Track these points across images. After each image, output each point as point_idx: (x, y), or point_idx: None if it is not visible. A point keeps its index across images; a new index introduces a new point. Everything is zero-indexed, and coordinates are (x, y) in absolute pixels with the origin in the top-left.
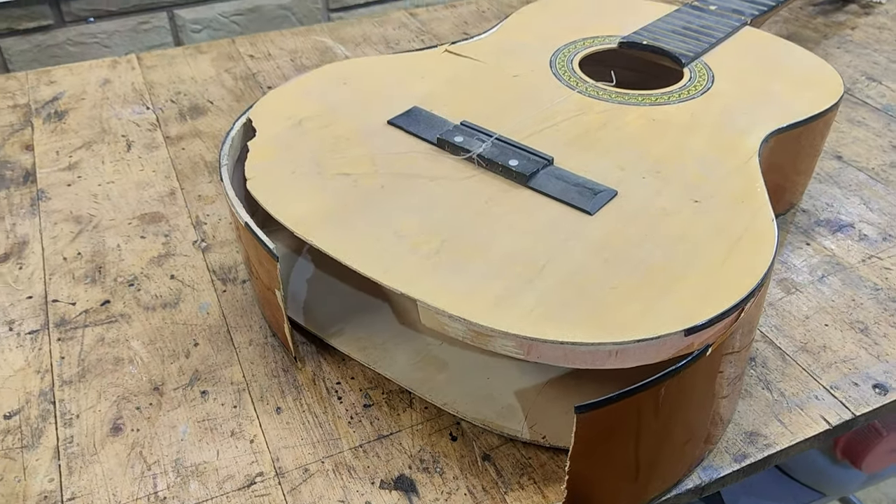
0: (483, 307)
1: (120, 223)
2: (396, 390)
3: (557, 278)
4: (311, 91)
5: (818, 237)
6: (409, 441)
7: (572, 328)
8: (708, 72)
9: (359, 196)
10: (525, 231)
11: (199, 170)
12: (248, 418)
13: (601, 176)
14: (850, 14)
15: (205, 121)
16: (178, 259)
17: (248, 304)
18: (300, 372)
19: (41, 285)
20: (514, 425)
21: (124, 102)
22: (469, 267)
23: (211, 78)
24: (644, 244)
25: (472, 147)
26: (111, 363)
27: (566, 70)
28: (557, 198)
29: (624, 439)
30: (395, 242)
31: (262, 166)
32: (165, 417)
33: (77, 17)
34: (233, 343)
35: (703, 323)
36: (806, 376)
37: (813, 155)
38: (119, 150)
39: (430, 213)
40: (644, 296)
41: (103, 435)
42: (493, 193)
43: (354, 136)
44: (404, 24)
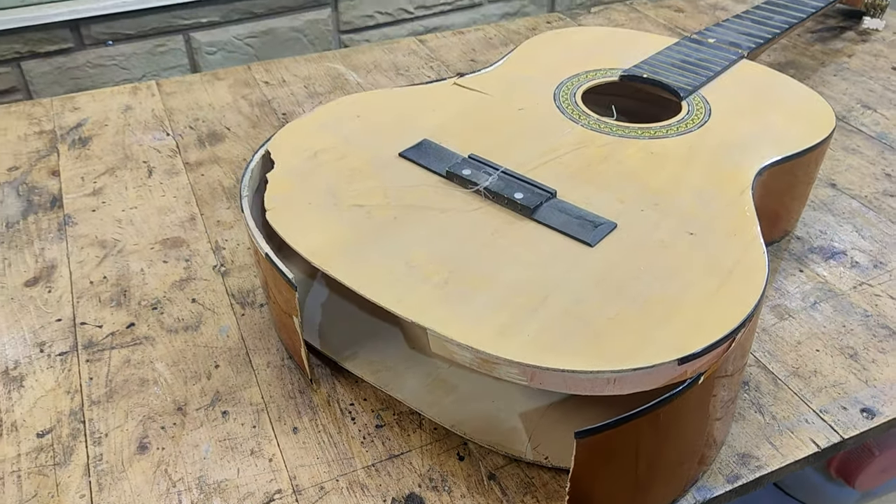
0: (489, 336)
1: (143, 248)
2: (407, 412)
3: (559, 308)
4: (326, 124)
5: (811, 264)
6: (419, 460)
7: (572, 357)
8: (705, 105)
9: (372, 227)
10: (529, 262)
11: (218, 195)
12: (267, 438)
13: (602, 208)
14: (847, 41)
15: (223, 147)
16: (198, 283)
17: (266, 327)
18: (315, 393)
19: (69, 308)
20: (519, 446)
21: (145, 129)
22: (476, 297)
23: (228, 104)
24: (641, 276)
25: (480, 180)
26: (137, 384)
27: (569, 103)
28: (560, 230)
29: (621, 462)
30: (407, 273)
31: (280, 198)
32: (189, 436)
33: (96, 40)
34: (251, 365)
35: (696, 352)
36: (797, 400)
37: (807, 183)
38: (141, 176)
39: (439, 245)
40: (641, 326)
41: (130, 453)
42: (499, 225)
43: (368, 169)
44: (414, 51)
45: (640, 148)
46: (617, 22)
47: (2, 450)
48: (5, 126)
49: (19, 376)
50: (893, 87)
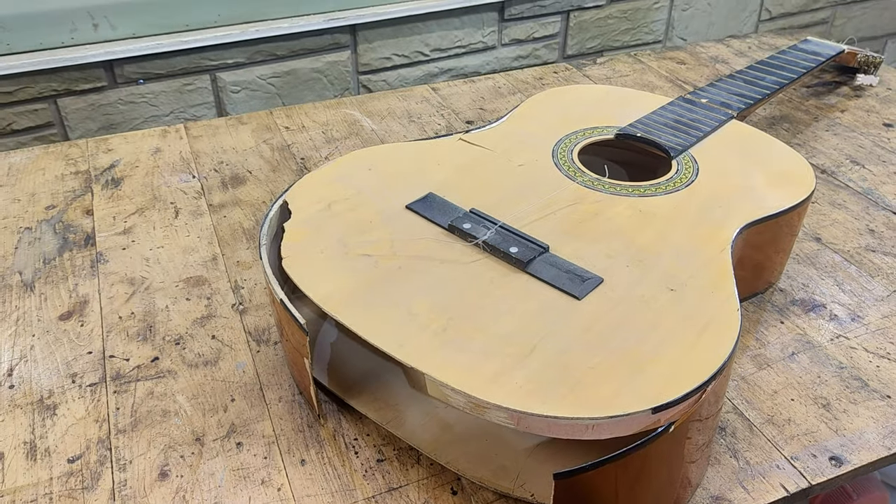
0: (481, 382)
1: (168, 286)
2: (406, 447)
3: (546, 358)
4: (341, 175)
5: (792, 316)
6: (416, 494)
7: (555, 404)
8: (694, 164)
9: (379, 276)
10: (521, 313)
11: (238, 237)
12: (277, 468)
13: (590, 263)
14: (841, 97)
15: (244, 190)
16: (218, 321)
17: (279, 364)
18: (323, 428)
19: (100, 342)
20: (507, 483)
21: (173, 170)
22: (471, 345)
23: (251, 148)
24: (623, 328)
25: (479, 234)
26: (159, 415)
27: (566, 160)
28: (550, 283)
29: (598, 502)
30: (409, 320)
31: (295, 246)
32: (206, 465)
33: (128, 79)
34: (265, 399)
35: (668, 402)
36: (770, 447)
37: (790, 236)
38: (168, 217)
39: (439, 294)
40: (619, 376)
41: (152, 480)
42: (495, 277)
43: (377, 220)
44: (426, 98)
45: (629, 205)
46: (621, 72)
47: (36, 473)
48: (44, 166)
49: (53, 405)
50: (883, 143)
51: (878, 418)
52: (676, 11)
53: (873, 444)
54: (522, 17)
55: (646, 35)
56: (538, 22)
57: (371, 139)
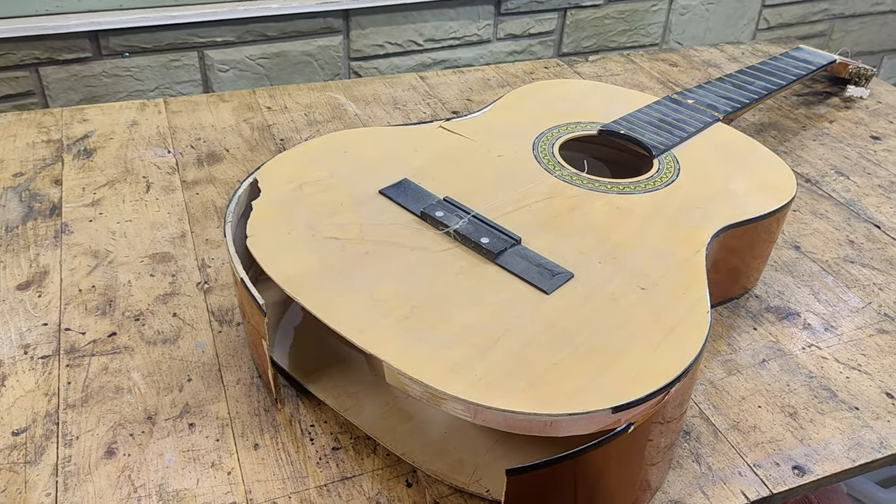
0: (439, 372)
1: (133, 260)
2: (363, 437)
3: (508, 351)
4: (314, 157)
5: (766, 322)
6: (370, 484)
7: (514, 398)
8: (675, 164)
9: (345, 260)
10: (487, 304)
11: (210, 215)
12: (229, 452)
13: (562, 258)
14: (830, 107)
15: (220, 168)
16: (181, 298)
17: (240, 346)
18: (279, 412)
19: (56, 314)
20: (463, 478)
21: (148, 145)
22: (432, 334)
23: (230, 127)
24: (589, 325)
25: (451, 222)
26: (112, 391)
27: (546, 154)
28: (520, 276)
29: (551, 500)
30: (372, 306)
31: (262, 225)
32: (155, 445)
33: (114, 51)
34: (222, 381)
35: (629, 402)
36: (734, 453)
37: (768, 242)
38: (139, 191)
39: (405, 281)
40: (581, 373)
41: (98, 457)
42: (464, 267)
43: (348, 203)
44: (413, 86)
45: (607, 202)
46: (612, 71)
47: None
48: (15, 132)
49: (2, 376)
50: (869, 156)
51: (845, 430)
52: (674, 15)
53: (838, 455)
54: (519, 12)
55: (642, 37)
56: (534, 18)
57: (354, 124)
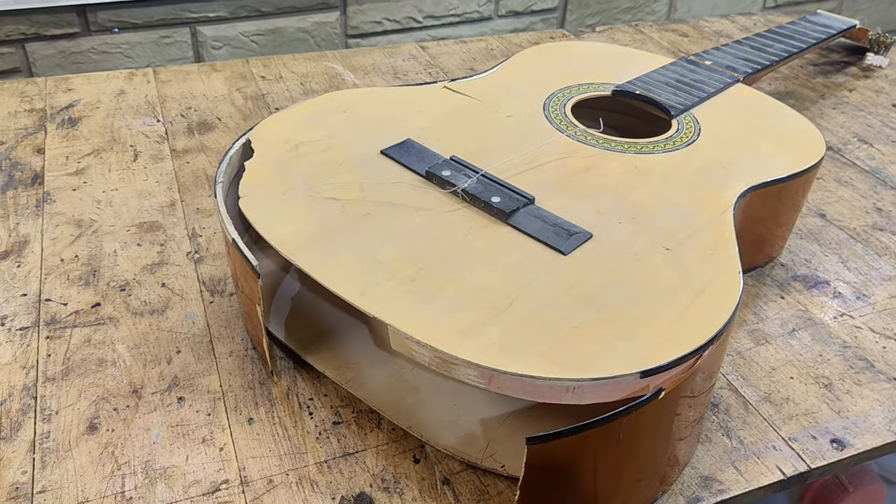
0: (449, 336)
1: (119, 230)
2: (366, 410)
3: (524, 313)
4: (311, 117)
5: (793, 291)
6: (373, 460)
7: (532, 362)
8: (695, 125)
9: (345, 221)
10: (499, 266)
11: (201, 183)
12: (221, 427)
13: (579, 218)
14: (849, 76)
15: (211, 137)
16: (170, 268)
17: (233, 317)
18: (275, 385)
19: (36, 284)
20: (475, 453)
21: (136, 114)
22: (441, 297)
23: (222, 96)
24: (611, 287)
25: (458, 181)
26: (95, 364)
27: (558, 114)
28: (534, 236)
29: (575, 473)
30: (375, 268)
31: (255, 186)
32: (141, 420)
33: (102, 27)
34: (214, 353)
35: (658, 367)
36: (766, 426)
37: (793, 210)
38: (126, 160)
39: (410, 242)
40: (605, 336)
41: (79, 433)
42: (474, 228)
43: (347, 163)
44: (414, 56)
45: (624, 162)
46: (620, 42)
47: None
48: None
49: None
50: (892, 124)
51: (885, 401)
52: None
53: (879, 428)
54: None
55: (647, 15)
56: None
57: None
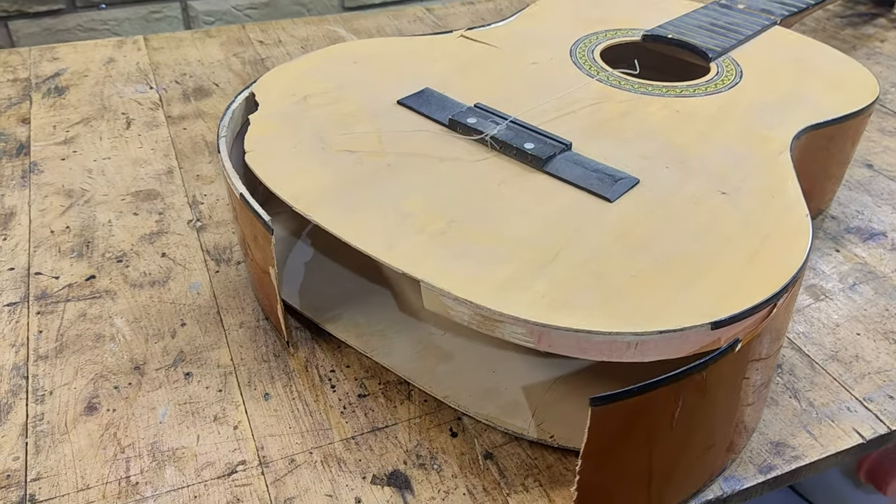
0: (490, 291)
1: (113, 199)
2: (394, 381)
3: (572, 264)
4: (318, 69)
5: (848, 244)
6: (406, 435)
7: (588, 316)
8: (736, 67)
9: (363, 173)
10: (539, 216)
11: (200, 150)
12: (234, 403)
13: (622, 164)
14: (878, 27)
15: (209, 102)
16: (170, 237)
17: (242, 286)
18: (292, 357)
19: (25, 257)
20: (520, 423)
21: (127, 81)
22: (477, 249)
23: (219, 62)
24: (667, 234)
25: (486, 129)
26: (91, 339)
27: (587, 59)
28: (575, 183)
29: (642, 438)
30: (400, 221)
31: (262, 140)
32: (144, 398)
33: (89, 2)
34: (222, 325)
35: (731, 317)
36: (837, 386)
37: (843, 161)
38: (118, 128)
39: (437, 194)
40: (666, 286)
41: (76, 414)
42: (506, 177)
43: (361, 115)
44: (420, 18)
45: (664, 105)
46: None
47: None
48: None
49: None
50: None
51: None
52: None
53: None
54: None
55: None
56: None
57: None
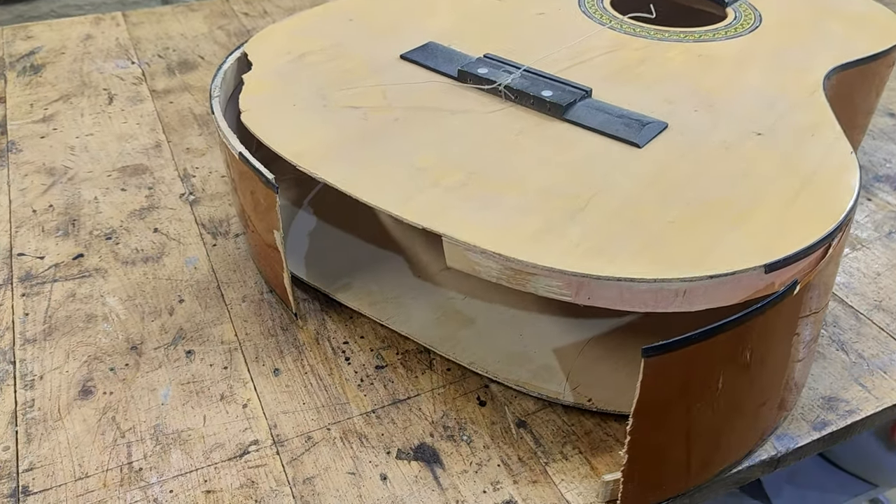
0: (521, 242)
1: (98, 175)
2: (414, 350)
3: (605, 212)
4: (312, 27)
5: (880, 193)
6: (430, 406)
7: (629, 264)
8: (754, 12)
9: (370, 129)
10: (564, 164)
11: (188, 122)
12: (241, 381)
13: (646, 110)
14: None
15: (195, 75)
16: (162, 212)
17: (242, 259)
18: (301, 330)
19: (6, 238)
20: (555, 387)
21: (107, 57)
22: (501, 201)
23: (203, 34)
24: (702, 178)
25: (499, 78)
26: (82, 320)
27: (597, 8)
28: (599, 130)
29: (697, 392)
30: (414, 175)
31: (258, 99)
32: (143, 379)
33: None
34: (224, 299)
35: (785, 258)
36: (885, 336)
37: (868, 110)
38: (100, 104)
39: (452, 147)
40: (710, 230)
41: (70, 399)
42: (525, 127)
43: (363, 71)
44: None
45: (683, 51)
46: None
47: None
48: None
49: None
50: None
51: None
52: None
53: None
54: None
55: None
56: None
57: None
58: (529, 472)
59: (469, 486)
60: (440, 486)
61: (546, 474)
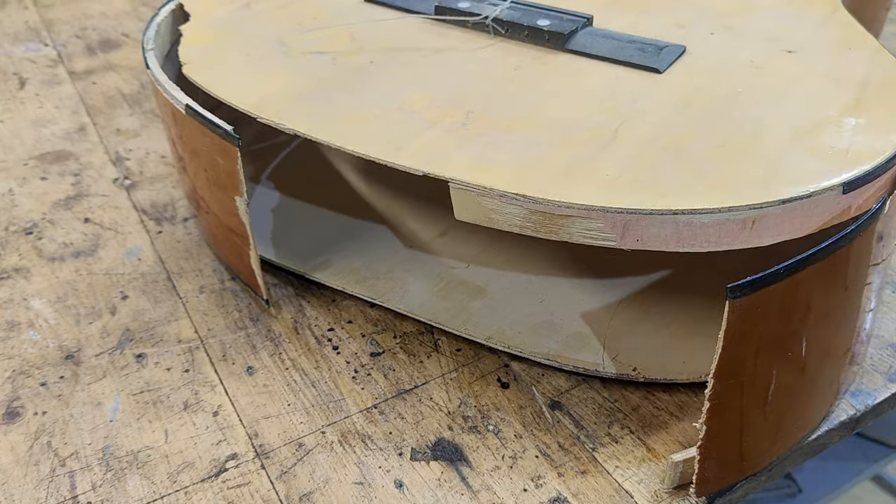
0: (548, 180)
1: (13, 165)
2: (413, 331)
3: (640, 141)
4: None
5: None
6: (443, 394)
7: (684, 194)
8: None
9: (341, 73)
10: (575, 95)
11: (117, 103)
12: (208, 384)
13: (657, 35)
14: None
15: (120, 54)
16: (93, 199)
17: (194, 246)
18: (276, 320)
19: None
20: (591, 357)
21: (15, 41)
22: (513, 138)
23: (125, 12)
24: (740, 98)
25: (484, 11)
26: (2, 329)
27: None
28: (610, 58)
29: (787, 338)
30: (404, 118)
31: (201, 51)
32: (84, 393)
33: None
34: (177, 292)
35: (864, 174)
36: None
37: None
38: (10, 89)
39: (442, 86)
40: (767, 152)
41: None
42: (522, 61)
43: (323, 16)
44: None
45: None
46: None
47: None
48: None
49: None
50: None
51: None
52: None
53: None
54: None
55: None
56: None
57: None
58: (575, 461)
59: (505, 485)
60: (470, 488)
61: (595, 462)
